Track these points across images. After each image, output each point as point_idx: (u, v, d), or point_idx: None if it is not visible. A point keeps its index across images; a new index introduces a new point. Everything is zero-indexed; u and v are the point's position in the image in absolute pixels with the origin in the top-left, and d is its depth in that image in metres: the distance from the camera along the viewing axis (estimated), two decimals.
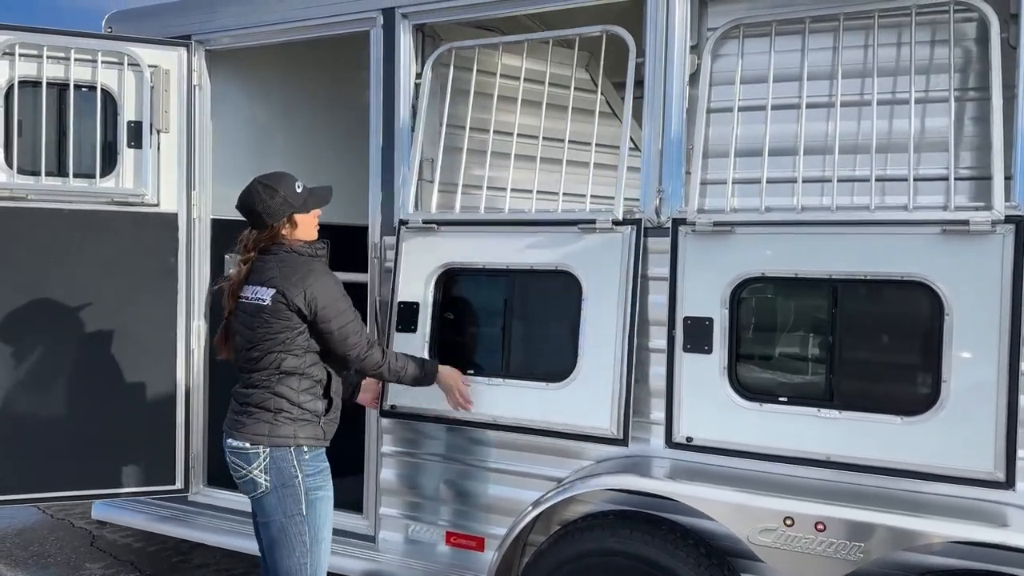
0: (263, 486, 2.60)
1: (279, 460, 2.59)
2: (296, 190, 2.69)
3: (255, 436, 2.60)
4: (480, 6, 3.20)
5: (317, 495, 2.63)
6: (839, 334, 2.59)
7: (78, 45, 3.55)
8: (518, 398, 3.03)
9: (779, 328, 2.76)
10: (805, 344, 2.71)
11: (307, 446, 2.63)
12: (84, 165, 3.59)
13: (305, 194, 2.72)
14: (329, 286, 2.64)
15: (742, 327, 2.74)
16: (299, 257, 2.67)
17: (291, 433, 2.61)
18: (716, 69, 2.86)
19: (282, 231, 2.69)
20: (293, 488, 2.59)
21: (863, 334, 2.60)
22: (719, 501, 2.52)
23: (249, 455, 2.60)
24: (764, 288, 2.73)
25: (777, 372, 2.73)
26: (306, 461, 2.62)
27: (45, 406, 3.55)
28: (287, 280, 2.60)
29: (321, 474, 2.67)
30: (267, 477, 2.60)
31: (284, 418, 2.61)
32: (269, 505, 2.61)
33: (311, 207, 2.74)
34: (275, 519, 2.62)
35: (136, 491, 3.72)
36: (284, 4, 3.57)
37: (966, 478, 2.44)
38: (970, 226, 2.40)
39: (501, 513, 3.13)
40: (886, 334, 2.59)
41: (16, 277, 3.49)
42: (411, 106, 3.36)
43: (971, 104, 2.62)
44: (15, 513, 4.98)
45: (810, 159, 2.72)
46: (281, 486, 2.59)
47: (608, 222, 2.88)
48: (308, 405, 2.64)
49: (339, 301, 2.64)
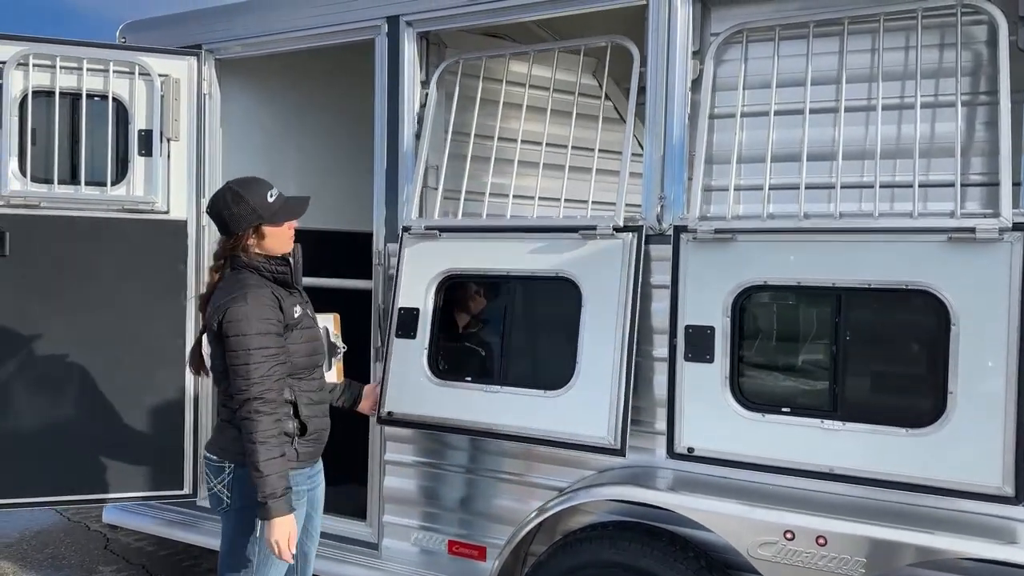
0: (225, 503, 2.51)
1: (243, 478, 2.44)
2: (267, 199, 2.52)
3: (222, 449, 2.51)
4: (484, 14, 3.20)
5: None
6: (843, 344, 2.54)
7: (90, 55, 3.60)
8: (516, 406, 2.98)
9: (782, 337, 2.71)
10: (808, 354, 2.65)
11: None
12: (96, 173, 3.64)
13: (278, 204, 2.54)
14: (247, 313, 2.38)
15: (744, 336, 2.70)
16: (247, 277, 2.48)
17: None
18: (719, 75, 2.82)
19: (248, 240, 2.52)
20: (253, 510, 2.41)
21: (867, 344, 2.54)
22: (718, 513, 2.48)
23: (216, 468, 2.51)
24: (767, 296, 2.68)
25: (780, 382, 2.68)
26: None
27: (55, 410, 3.59)
28: (219, 299, 2.46)
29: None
30: (229, 494, 2.49)
31: None
32: (229, 522, 2.51)
33: (281, 219, 2.55)
34: (233, 538, 2.51)
35: (145, 495, 3.75)
36: (291, 13, 3.60)
37: (973, 492, 2.37)
38: (976, 234, 2.34)
39: (503, 522, 3.11)
40: (891, 344, 2.53)
41: (29, 283, 3.55)
42: (415, 113, 3.36)
43: (982, 109, 2.55)
44: (33, 515, 5.06)
45: (815, 165, 2.68)
46: (241, 505, 2.47)
47: (609, 229, 2.85)
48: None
49: (248, 338, 2.36)
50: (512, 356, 3.08)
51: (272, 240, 2.56)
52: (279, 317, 2.48)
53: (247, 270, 2.52)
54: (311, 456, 2.63)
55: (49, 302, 3.58)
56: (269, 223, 2.54)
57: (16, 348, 3.55)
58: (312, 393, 2.62)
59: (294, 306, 2.57)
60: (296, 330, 2.54)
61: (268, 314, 2.44)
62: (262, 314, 2.42)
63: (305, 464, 2.60)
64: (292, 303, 2.57)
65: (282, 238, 2.59)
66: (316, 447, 2.65)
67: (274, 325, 2.45)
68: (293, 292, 2.62)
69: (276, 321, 2.46)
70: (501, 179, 3.24)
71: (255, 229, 2.53)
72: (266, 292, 2.48)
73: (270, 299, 2.47)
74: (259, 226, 2.53)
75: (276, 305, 2.49)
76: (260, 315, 2.41)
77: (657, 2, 2.84)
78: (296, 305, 2.58)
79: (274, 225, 2.55)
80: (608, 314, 2.86)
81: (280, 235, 2.58)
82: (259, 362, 2.38)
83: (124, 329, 3.66)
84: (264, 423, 2.37)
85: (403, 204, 3.33)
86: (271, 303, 2.47)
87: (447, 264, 3.18)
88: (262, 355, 2.39)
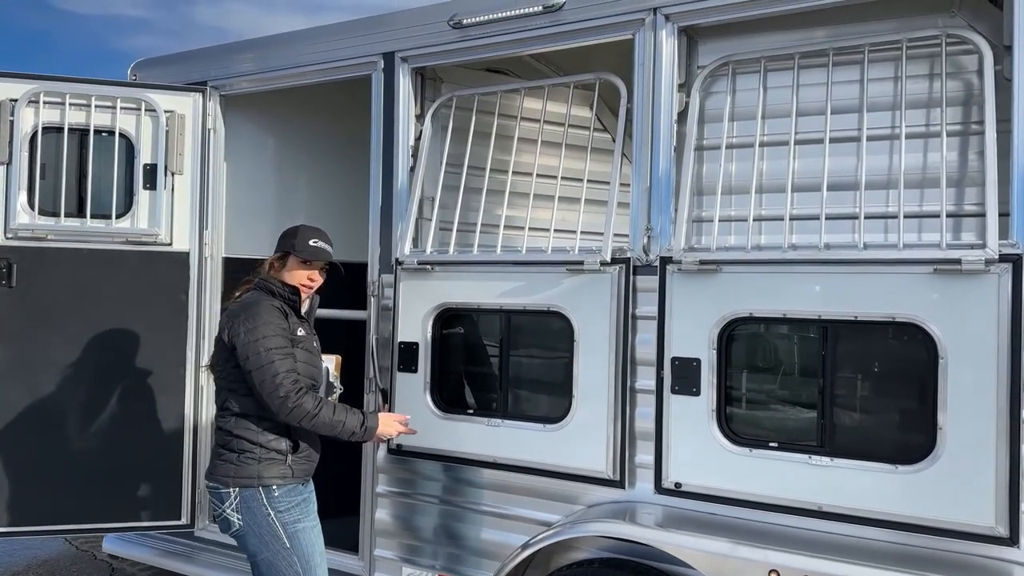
0: (236, 525, 2.62)
1: (248, 500, 2.60)
2: (309, 243, 2.76)
3: (223, 477, 2.63)
4: (476, 49, 3.24)
5: (297, 527, 2.63)
6: (829, 377, 2.49)
7: (99, 92, 3.71)
8: (518, 439, 3.02)
9: (768, 370, 2.67)
10: (795, 387, 2.61)
11: (275, 485, 2.62)
12: (102, 206, 3.73)
13: (311, 248, 2.77)
14: (258, 324, 2.59)
15: (731, 368, 2.66)
16: (260, 293, 2.71)
17: (255, 473, 2.61)
18: (705, 107, 2.82)
19: (275, 263, 2.78)
20: (269, 526, 2.59)
21: (854, 377, 2.50)
22: (700, 551, 2.42)
23: (222, 494, 2.63)
24: (752, 329, 2.65)
25: (767, 416, 2.64)
26: (276, 499, 2.62)
27: (57, 438, 3.64)
28: (232, 309, 2.68)
29: (298, 507, 2.66)
30: (239, 516, 2.61)
31: (248, 459, 2.62)
32: (250, 544, 2.62)
33: (303, 255, 2.76)
34: (261, 557, 2.64)
35: (143, 525, 3.77)
36: (291, 50, 3.69)
37: (965, 532, 2.30)
38: (962, 265, 2.29)
39: (493, 557, 3.07)
40: (878, 378, 2.48)
41: (34, 313, 3.62)
42: (410, 146, 3.40)
43: (972, 138, 2.52)
44: (42, 544, 5.10)
45: (803, 196, 2.65)
46: (256, 525, 2.60)
47: (596, 263, 2.84)
48: (272, 444, 2.64)
49: (259, 342, 2.56)
50: (511, 389, 3.10)
51: (289, 273, 2.79)
52: (286, 326, 2.69)
53: (262, 290, 2.75)
54: (305, 473, 2.76)
55: (54, 332, 3.65)
56: (295, 255, 2.78)
57: (21, 377, 3.61)
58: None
59: (298, 326, 2.76)
60: (298, 348, 2.70)
61: (279, 319, 2.66)
62: (273, 319, 2.64)
63: (299, 479, 2.72)
64: (297, 323, 2.76)
65: (298, 276, 2.79)
66: (308, 465, 2.77)
67: (285, 330, 2.66)
68: (301, 319, 2.81)
69: (285, 328, 2.68)
70: (496, 210, 3.25)
71: (284, 255, 2.79)
72: (276, 303, 2.72)
73: (279, 310, 2.71)
74: (287, 254, 2.78)
75: (284, 316, 2.71)
76: (271, 323, 2.63)
77: (643, 37, 2.86)
78: (300, 327, 2.77)
79: (298, 260, 2.77)
80: (600, 347, 2.86)
81: (298, 273, 2.79)
82: (273, 362, 2.56)
83: (126, 359, 3.71)
84: (323, 405, 2.61)
85: (397, 236, 3.36)
86: (280, 313, 2.70)
87: (442, 298, 3.20)
88: (279, 356, 2.58)
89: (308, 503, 2.72)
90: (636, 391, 2.83)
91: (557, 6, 3.01)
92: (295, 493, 2.67)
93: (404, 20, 3.40)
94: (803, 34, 2.74)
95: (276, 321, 2.64)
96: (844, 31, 2.68)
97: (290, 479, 2.66)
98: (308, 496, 2.74)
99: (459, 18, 3.20)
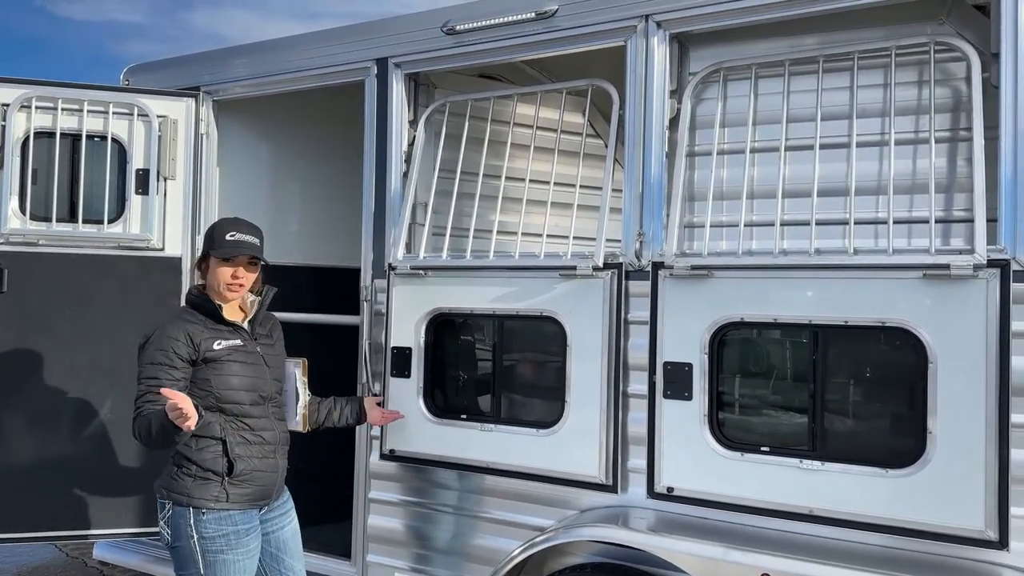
0: (166, 539, 2.55)
1: (177, 517, 2.51)
2: (225, 236, 2.58)
3: (161, 488, 2.58)
4: (470, 55, 3.26)
5: (217, 557, 2.48)
6: (820, 382, 2.51)
7: (91, 97, 3.71)
8: (512, 444, 3.01)
9: (760, 375, 2.68)
10: (786, 392, 2.62)
11: (205, 508, 2.49)
12: (94, 211, 3.72)
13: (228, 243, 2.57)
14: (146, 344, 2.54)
15: (722, 373, 2.67)
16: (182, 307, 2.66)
17: (187, 491, 2.51)
18: (697, 113, 2.84)
19: (201, 266, 2.68)
20: (187, 548, 2.49)
21: (845, 382, 2.51)
22: (692, 555, 2.43)
23: (159, 504, 2.58)
24: (744, 333, 2.66)
25: (758, 420, 2.65)
26: (204, 522, 2.49)
27: (48, 444, 3.62)
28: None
29: (225, 537, 2.49)
30: (168, 531, 2.53)
31: (183, 474, 2.53)
32: (175, 559, 2.55)
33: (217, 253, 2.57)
34: (180, 572, 2.56)
35: (134, 532, 3.75)
36: (285, 56, 3.69)
37: (956, 536, 2.31)
38: (951, 270, 2.31)
39: (485, 563, 3.07)
40: (869, 382, 2.50)
41: (26, 318, 3.61)
42: (403, 152, 3.41)
43: (962, 145, 2.54)
44: (32, 551, 5.07)
45: (792, 202, 2.67)
46: (179, 543, 2.51)
47: (588, 268, 2.85)
48: (208, 464, 2.52)
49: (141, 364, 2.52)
50: (505, 394, 3.10)
51: (212, 275, 2.61)
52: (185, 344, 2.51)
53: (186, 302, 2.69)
54: (248, 498, 2.57)
55: (45, 337, 3.63)
56: (213, 254, 2.60)
57: (12, 382, 3.60)
58: (247, 432, 2.61)
59: (216, 339, 2.57)
60: (219, 363, 2.55)
61: (174, 336, 2.52)
62: (164, 339, 2.52)
63: (242, 506, 2.55)
64: (214, 337, 2.57)
65: (220, 278, 2.59)
66: (253, 489, 2.58)
67: (177, 351, 2.50)
68: (227, 327, 2.62)
69: (184, 345, 2.51)
70: (489, 215, 3.26)
71: (204, 257, 2.65)
72: (188, 316, 2.58)
73: (192, 322, 2.56)
74: (207, 254, 2.63)
75: (187, 336, 2.53)
76: (161, 341, 2.51)
77: (635, 43, 2.88)
78: (220, 340, 2.57)
79: (217, 259, 2.58)
80: (592, 352, 2.86)
81: (219, 274, 2.58)
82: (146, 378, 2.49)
83: (118, 364, 3.69)
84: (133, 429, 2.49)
85: (390, 241, 3.37)
86: (186, 328, 2.54)
87: (435, 303, 3.20)
88: (146, 376, 2.50)
89: (242, 536, 2.52)
90: (628, 396, 2.84)
91: (550, 13, 3.03)
92: (227, 522, 2.50)
93: (397, 26, 3.41)
94: (793, 41, 2.76)
95: (167, 340, 2.50)
96: (834, 38, 2.70)
97: (224, 503, 2.51)
98: (246, 530, 2.53)
99: (452, 24, 3.22)
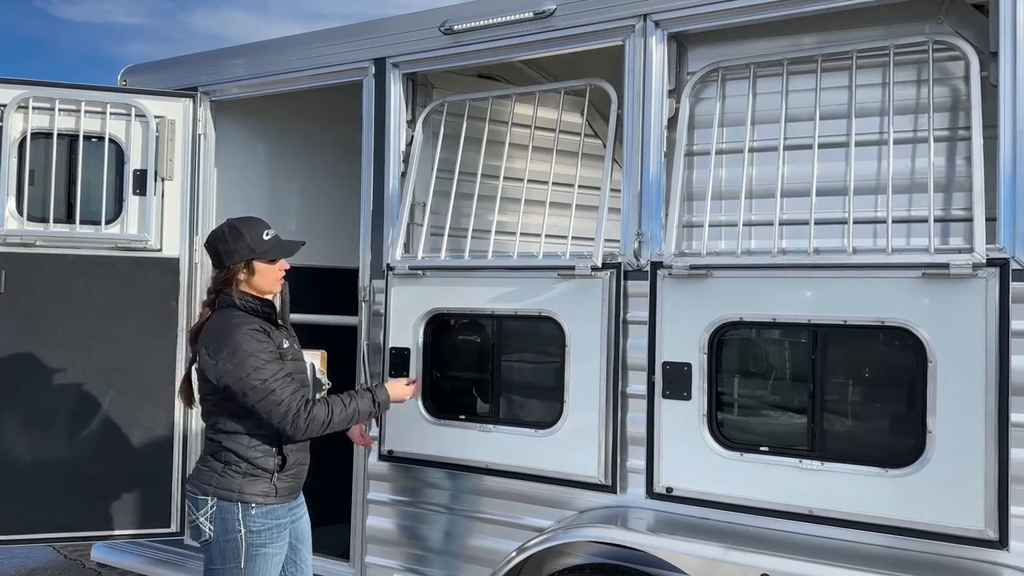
0: (207, 535, 2.55)
1: (224, 511, 2.53)
2: (263, 237, 2.61)
3: (203, 485, 2.57)
4: (468, 55, 3.25)
5: (259, 551, 2.54)
6: (820, 381, 2.50)
7: (88, 98, 3.70)
8: (511, 445, 3.01)
9: (759, 374, 2.68)
10: (785, 391, 2.62)
11: (254, 503, 2.55)
12: (91, 212, 3.71)
13: (272, 243, 2.63)
14: (243, 359, 2.45)
15: (721, 373, 2.67)
16: (234, 315, 2.55)
17: (237, 487, 2.53)
18: (695, 112, 2.84)
19: (239, 275, 2.60)
20: (234, 542, 2.51)
21: (844, 382, 2.51)
22: (692, 555, 2.42)
23: (198, 502, 2.57)
24: (743, 333, 2.66)
25: (757, 420, 2.64)
26: (252, 517, 2.54)
27: (46, 445, 3.61)
28: (209, 345, 2.52)
29: (269, 531, 2.56)
30: (211, 527, 2.54)
31: (233, 471, 2.55)
32: (212, 555, 2.55)
33: (273, 256, 2.64)
34: (215, 568, 2.56)
35: (132, 533, 3.74)
36: (283, 56, 3.68)
37: (956, 536, 2.30)
38: (951, 270, 2.31)
39: (484, 563, 3.06)
40: (868, 382, 2.49)
41: (23, 319, 3.60)
42: (401, 152, 3.40)
43: (960, 144, 2.54)
44: (30, 553, 5.06)
45: (791, 201, 2.67)
46: (224, 538, 2.52)
47: (587, 268, 2.85)
48: (259, 462, 2.56)
49: (251, 376, 2.45)
50: (503, 395, 3.09)
51: (261, 277, 2.64)
52: (270, 345, 2.56)
53: (233, 308, 2.58)
54: (291, 491, 2.67)
55: (43, 338, 3.62)
56: (261, 259, 2.62)
57: (9, 383, 3.59)
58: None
59: (281, 338, 2.64)
60: (287, 361, 2.62)
61: (261, 342, 2.52)
62: (255, 347, 2.49)
63: (285, 499, 2.63)
64: (279, 336, 2.65)
65: (270, 276, 2.66)
66: (295, 482, 2.69)
67: (273, 351, 2.54)
68: (280, 328, 2.70)
69: (271, 348, 2.55)
70: (487, 216, 3.26)
71: (247, 264, 2.61)
72: (255, 323, 2.57)
73: (260, 330, 2.56)
74: (251, 261, 2.61)
75: (267, 334, 2.57)
76: (255, 349, 2.49)
77: (633, 43, 2.87)
78: (284, 339, 2.66)
79: (265, 262, 2.63)
80: (591, 352, 2.86)
81: (269, 273, 2.65)
82: (280, 384, 2.48)
83: (116, 365, 3.69)
84: (332, 404, 2.56)
85: (388, 241, 3.36)
86: (262, 333, 2.55)
87: (434, 303, 3.20)
88: (277, 378, 2.48)
89: (282, 530, 2.60)
90: (627, 396, 2.83)
91: (548, 12, 3.02)
92: (272, 516, 2.57)
93: (395, 26, 3.41)
94: (792, 40, 2.76)
95: (259, 347, 2.50)
96: (832, 38, 2.70)
97: (272, 499, 2.57)
98: (285, 523, 2.62)
99: (450, 24, 3.21)
